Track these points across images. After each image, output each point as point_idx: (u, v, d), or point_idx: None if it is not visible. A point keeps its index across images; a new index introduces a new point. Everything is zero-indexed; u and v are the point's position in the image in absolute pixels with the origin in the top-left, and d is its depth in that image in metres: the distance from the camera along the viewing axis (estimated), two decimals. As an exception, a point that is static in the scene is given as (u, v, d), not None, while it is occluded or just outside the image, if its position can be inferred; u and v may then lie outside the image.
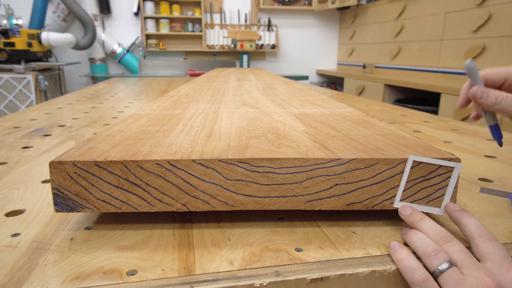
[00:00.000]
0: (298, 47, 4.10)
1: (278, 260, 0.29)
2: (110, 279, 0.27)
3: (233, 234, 0.34)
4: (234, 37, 3.54)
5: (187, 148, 0.35)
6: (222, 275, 0.28)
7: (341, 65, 4.05)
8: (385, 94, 2.67)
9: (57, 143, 0.65)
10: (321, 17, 4.04)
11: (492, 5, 1.97)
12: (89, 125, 0.79)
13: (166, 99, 0.70)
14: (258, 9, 3.91)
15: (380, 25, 3.16)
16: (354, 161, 0.33)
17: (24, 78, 2.61)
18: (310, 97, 0.76)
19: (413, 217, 0.33)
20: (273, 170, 0.33)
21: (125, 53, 3.68)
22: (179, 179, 0.32)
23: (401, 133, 0.43)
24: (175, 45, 3.85)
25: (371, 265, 0.29)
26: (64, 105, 1.06)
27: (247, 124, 0.47)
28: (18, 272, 0.28)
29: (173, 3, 3.65)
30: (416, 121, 0.87)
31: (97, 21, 3.54)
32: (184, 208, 0.33)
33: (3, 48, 2.60)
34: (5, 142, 0.65)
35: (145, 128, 0.44)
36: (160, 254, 0.30)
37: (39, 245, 0.31)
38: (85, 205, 0.33)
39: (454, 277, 0.27)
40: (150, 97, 1.23)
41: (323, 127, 0.46)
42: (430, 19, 2.48)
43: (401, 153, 0.34)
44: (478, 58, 2.09)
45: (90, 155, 0.33)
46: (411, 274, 0.28)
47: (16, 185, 0.45)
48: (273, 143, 0.37)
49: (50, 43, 2.93)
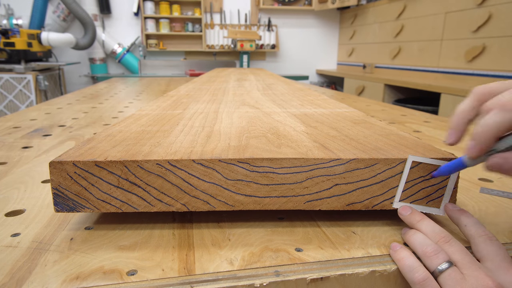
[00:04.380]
0: (298, 47, 4.10)
1: (278, 260, 0.29)
2: (110, 279, 0.27)
3: (233, 234, 0.34)
4: (234, 37, 3.54)
5: (187, 148, 0.35)
6: (222, 275, 0.28)
7: (341, 65, 4.05)
8: (385, 94, 2.67)
9: (57, 143, 0.65)
10: (321, 17, 4.04)
11: (492, 5, 1.97)
12: (89, 125, 0.79)
13: (166, 99, 0.70)
14: (258, 9, 3.90)
15: (380, 25, 3.16)
16: (354, 161, 0.33)
17: (24, 78, 2.61)
18: (310, 97, 0.76)
19: (412, 217, 0.33)
20: (273, 170, 0.33)
21: (125, 53, 3.67)
22: (179, 179, 0.32)
23: (401, 133, 0.43)
24: (175, 45, 3.85)
25: (371, 265, 0.29)
26: (64, 105, 1.06)
27: (247, 124, 0.47)
28: (18, 272, 0.28)
29: (173, 3, 3.65)
30: (416, 121, 0.87)
31: (97, 21, 3.53)
32: (184, 208, 0.33)
33: (3, 48, 2.60)
34: (5, 142, 0.65)
35: (145, 128, 0.44)
36: (160, 254, 0.30)
37: (39, 245, 0.31)
38: (85, 205, 0.33)
39: (453, 277, 0.27)
40: (150, 97, 1.23)
41: (323, 127, 0.46)
42: (430, 19, 2.48)
43: (401, 153, 0.34)
44: (478, 58, 2.09)
45: (90, 155, 0.33)
46: (411, 273, 0.28)
47: (16, 185, 0.45)
48: (273, 143, 0.37)
49: (50, 43, 2.93)
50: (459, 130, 0.30)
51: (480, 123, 0.27)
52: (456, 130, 0.30)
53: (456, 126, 0.30)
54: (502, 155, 0.27)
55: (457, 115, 0.30)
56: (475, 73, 2.11)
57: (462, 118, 0.30)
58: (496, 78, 1.96)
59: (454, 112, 0.30)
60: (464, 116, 0.30)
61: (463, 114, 0.30)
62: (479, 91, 0.29)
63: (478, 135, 0.27)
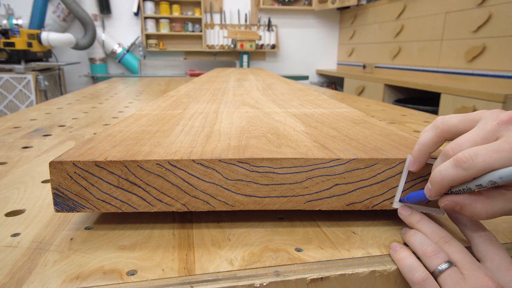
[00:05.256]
0: (298, 47, 4.10)
1: (278, 260, 0.29)
2: (110, 279, 0.27)
3: (233, 234, 0.34)
4: (234, 37, 3.54)
5: (187, 148, 0.35)
6: (222, 275, 0.28)
7: (341, 65, 4.05)
8: (385, 94, 2.67)
9: (57, 143, 0.65)
10: (321, 17, 4.04)
11: (492, 5, 1.97)
12: (89, 125, 0.79)
13: (166, 99, 0.70)
14: (258, 9, 3.91)
15: (380, 25, 3.16)
16: (354, 161, 0.33)
17: (24, 78, 2.61)
18: (310, 97, 0.76)
19: (412, 217, 0.33)
20: (273, 170, 0.33)
21: (125, 53, 3.68)
22: (179, 179, 0.32)
23: (401, 133, 0.43)
24: (175, 45, 3.85)
25: (371, 265, 0.29)
26: (64, 105, 1.06)
27: (247, 124, 0.47)
28: (18, 272, 0.28)
29: (173, 3, 3.65)
30: (416, 121, 0.87)
31: (97, 21, 3.54)
32: (184, 208, 0.33)
33: (3, 48, 2.60)
34: (5, 142, 0.65)
35: (145, 128, 0.44)
36: (160, 254, 0.30)
37: (39, 245, 0.31)
38: (85, 205, 0.33)
39: (453, 277, 0.27)
40: (150, 97, 1.23)
41: (323, 127, 0.46)
42: (430, 19, 2.48)
43: (401, 153, 0.34)
44: (478, 58, 2.09)
45: (90, 155, 0.33)
46: (411, 273, 0.28)
47: (16, 185, 0.45)
48: (273, 143, 0.37)
49: (50, 43, 2.93)
50: (420, 161, 0.32)
51: (437, 170, 0.28)
52: (418, 162, 0.32)
53: (418, 157, 0.32)
54: (452, 198, 0.28)
55: (420, 146, 0.32)
56: (475, 73, 2.12)
57: (423, 151, 0.31)
58: (496, 78, 1.97)
59: (417, 141, 0.32)
60: (426, 150, 0.31)
61: (425, 147, 0.31)
62: (441, 127, 0.30)
63: (434, 181, 0.29)
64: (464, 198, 0.28)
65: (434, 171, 0.29)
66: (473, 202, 0.27)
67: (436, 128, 0.30)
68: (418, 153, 0.32)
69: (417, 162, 0.32)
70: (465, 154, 0.26)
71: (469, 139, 0.28)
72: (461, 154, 0.26)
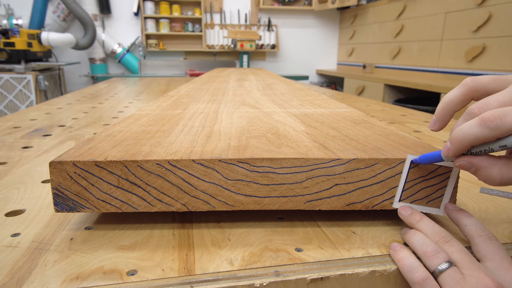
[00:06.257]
0: (298, 47, 4.10)
1: (278, 260, 0.29)
2: (110, 279, 0.27)
3: (233, 234, 0.34)
4: (234, 37, 3.54)
5: (187, 148, 0.35)
6: (222, 275, 0.28)
7: (341, 65, 4.05)
8: (385, 94, 2.67)
9: (57, 143, 0.65)
10: (321, 17, 4.04)
11: (492, 5, 1.97)
12: (89, 125, 0.79)
13: (166, 99, 0.70)
14: (258, 9, 3.91)
15: (380, 25, 3.16)
16: (354, 161, 0.33)
17: (24, 78, 2.61)
18: (310, 97, 0.76)
19: (412, 217, 0.33)
20: (273, 170, 0.33)
21: (125, 53, 3.68)
22: (179, 179, 0.32)
23: (401, 133, 0.43)
24: (175, 45, 3.85)
25: (371, 265, 0.29)
26: (64, 105, 1.06)
27: (247, 124, 0.47)
28: (18, 272, 0.28)
29: (173, 3, 3.65)
30: (416, 121, 0.87)
31: (97, 21, 3.54)
32: (184, 208, 0.33)
33: (3, 48, 2.61)
34: (5, 142, 0.65)
35: (145, 128, 0.44)
36: (160, 254, 0.30)
37: (39, 245, 0.31)
38: (85, 205, 0.33)
39: (453, 277, 0.27)
40: (150, 97, 1.23)
41: (323, 127, 0.46)
42: (430, 19, 2.48)
43: (401, 153, 0.34)
44: (478, 58, 2.09)
45: (90, 155, 0.33)
46: (411, 273, 0.28)
47: (16, 185, 0.45)
48: (273, 143, 0.37)
49: (50, 43, 2.93)
50: (443, 120, 0.31)
51: (459, 129, 0.27)
52: (440, 120, 0.31)
53: (441, 116, 0.31)
54: (469, 159, 0.27)
55: (444, 104, 0.30)
56: (475, 73, 2.11)
57: (447, 109, 0.30)
58: (496, 78, 1.96)
59: (442, 100, 0.30)
60: (450, 108, 0.30)
61: (450, 105, 0.30)
62: (470, 85, 0.29)
63: (454, 139, 0.27)
64: (482, 159, 0.27)
65: (456, 130, 0.27)
66: (490, 166, 0.26)
67: (464, 85, 0.29)
68: (441, 111, 0.30)
69: (439, 121, 0.30)
70: (493, 113, 0.25)
71: (499, 99, 0.26)
72: (489, 112, 0.25)
